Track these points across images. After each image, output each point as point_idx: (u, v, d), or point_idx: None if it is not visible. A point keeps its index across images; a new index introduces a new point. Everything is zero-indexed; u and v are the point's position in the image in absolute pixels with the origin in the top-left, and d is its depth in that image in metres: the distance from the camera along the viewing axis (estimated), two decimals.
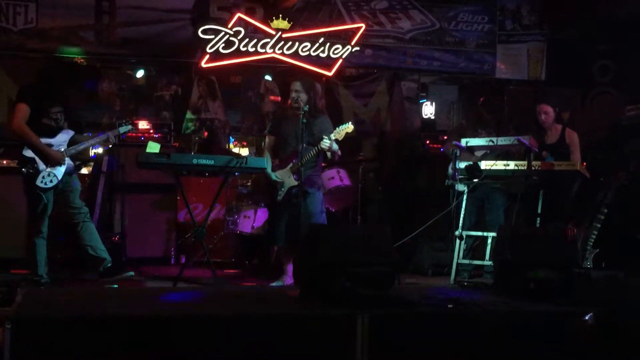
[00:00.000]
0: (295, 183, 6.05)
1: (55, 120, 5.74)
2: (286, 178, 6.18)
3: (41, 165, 5.60)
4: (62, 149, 5.73)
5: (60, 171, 5.67)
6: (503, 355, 3.89)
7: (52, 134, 5.69)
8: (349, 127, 6.04)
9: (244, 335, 3.54)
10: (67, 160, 5.76)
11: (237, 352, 3.51)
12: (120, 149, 7.48)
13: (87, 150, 6.38)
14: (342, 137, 6.05)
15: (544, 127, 6.60)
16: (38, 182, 5.56)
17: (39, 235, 5.69)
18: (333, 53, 8.21)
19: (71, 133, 5.84)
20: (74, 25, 7.66)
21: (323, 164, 6.73)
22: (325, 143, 5.98)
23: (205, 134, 9.11)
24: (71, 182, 5.89)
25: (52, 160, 5.62)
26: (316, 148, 6.04)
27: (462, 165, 6.24)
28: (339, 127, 6.05)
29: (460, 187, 6.29)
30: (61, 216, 5.91)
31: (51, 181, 5.62)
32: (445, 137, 8.07)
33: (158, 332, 3.43)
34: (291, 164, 6.14)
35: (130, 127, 6.28)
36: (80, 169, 6.47)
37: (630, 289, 4.50)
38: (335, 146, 6.12)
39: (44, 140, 5.64)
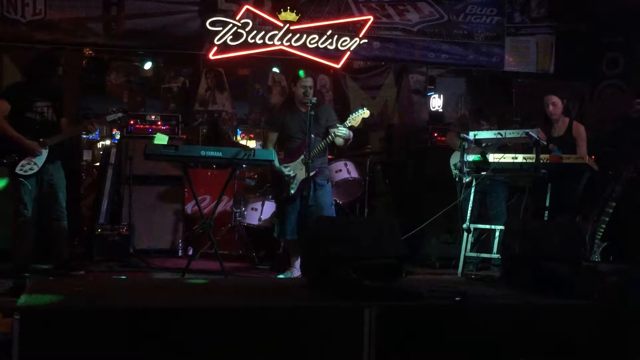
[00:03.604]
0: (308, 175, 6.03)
1: (40, 114, 5.96)
2: (298, 171, 6.16)
3: (20, 155, 5.84)
4: (41, 139, 5.91)
5: (40, 159, 5.90)
6: (510, 348, 3.88)
7: (36, 128, 5.90)
8: (365, 112, 5.99)
9: (251, 327, 3.55)
10: (45, 150, 5.93)
11: (244, 344, 3.52)
12: (128, 140, 7.50)
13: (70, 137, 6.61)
14: (359, 123, 6.03)
15: (552, 118, 6.57)
16: (17, 170, 5.83)
17: (20, 219, 5.87)
18: (341, 45, 8.18)
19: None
20: (82, 16, 7.64)
21: (330, 156, 6.72)
22: (343, 132, 5.95)
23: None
24: (54, 172, 6.06)
25: (29, 150, 5.85)
26: (326, 140, 6.04)
27: (470, 158, 6.23)
28: (353, 113, 6.01)
29: (466, 179, 6.28)
30: (42, 208, 6.07)
31: (31, 169, 5.88)
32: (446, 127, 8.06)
33: (166, 323, 3.44)
34: (302, 157, 6.11)
35: (120, 114, 6.36)
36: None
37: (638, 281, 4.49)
38: (350, 133, 6.09)
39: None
